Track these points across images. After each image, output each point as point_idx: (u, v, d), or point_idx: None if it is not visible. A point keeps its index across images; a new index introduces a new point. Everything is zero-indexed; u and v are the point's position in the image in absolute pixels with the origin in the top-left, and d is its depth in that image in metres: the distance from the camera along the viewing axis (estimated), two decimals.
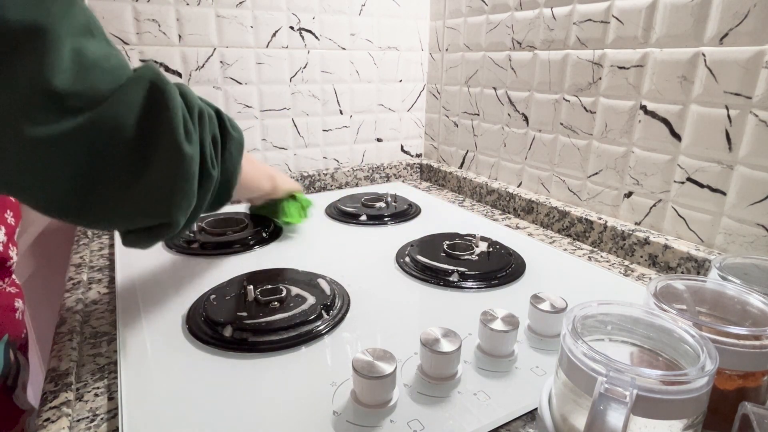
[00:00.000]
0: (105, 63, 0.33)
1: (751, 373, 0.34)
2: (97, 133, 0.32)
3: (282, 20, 0.92)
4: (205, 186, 0.41)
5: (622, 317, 0.35)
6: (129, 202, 0.36)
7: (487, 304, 0.51)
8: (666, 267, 0.66)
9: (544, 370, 0.44)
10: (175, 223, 0.40)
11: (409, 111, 1.15)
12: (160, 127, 0.36)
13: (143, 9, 0.80)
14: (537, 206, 0.85)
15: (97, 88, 0.32)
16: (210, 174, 0.41)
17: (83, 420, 0.39)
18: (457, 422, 0.37)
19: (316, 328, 0.49)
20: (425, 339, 0.41)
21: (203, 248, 0.70)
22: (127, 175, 0.35)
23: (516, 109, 0.91)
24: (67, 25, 0.30)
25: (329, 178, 1.06)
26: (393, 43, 1.07)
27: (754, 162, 0.58)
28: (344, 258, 0.68)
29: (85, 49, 0.32)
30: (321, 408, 0.38)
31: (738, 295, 0.38)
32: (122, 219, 0.38)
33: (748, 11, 0.55)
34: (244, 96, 0.93)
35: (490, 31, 0.93)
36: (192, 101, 0.39)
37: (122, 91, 0.34)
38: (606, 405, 0.27)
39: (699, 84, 0.61)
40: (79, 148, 0.32)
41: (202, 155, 0.40)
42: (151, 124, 0.35)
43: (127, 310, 0.53)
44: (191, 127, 0.38)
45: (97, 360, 0.46)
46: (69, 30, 0.31)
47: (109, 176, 0.34)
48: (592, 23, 0.73)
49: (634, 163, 0.71)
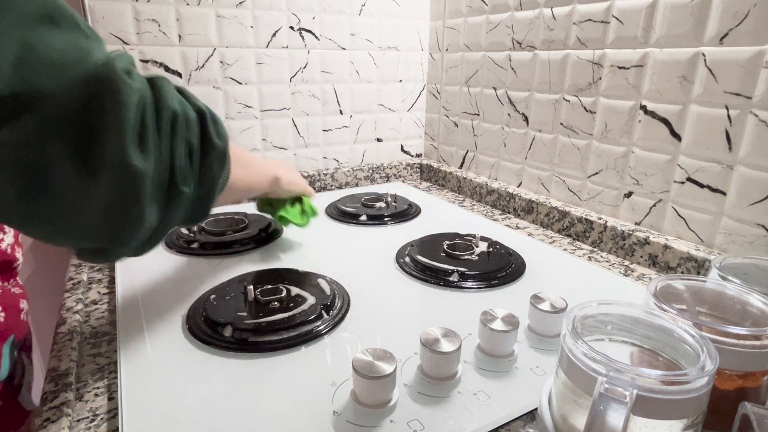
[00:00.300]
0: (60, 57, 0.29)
1: (751, 373, 0.34)
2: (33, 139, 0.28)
3: (282, 20, 0.92)
4: (173, 204, 0.36)
5: (622, 317, 0.35)
6: (75, 221, 0.32)
7: (487, 304, 0.51)
8: (666, 267, 0.66)
9: (544, 370, 0.44)
10: (123, 248, 0.36)
11: (409, 111, 1.15)
12: (103, 133, 0.31)
13: (143, 9, 0.80)
14: (537, 206, 0.85)
15: (41, 89, 0.28)
16: (179, 191, 0.36)
17: (83, 420, 0.39)
18: (457, 422, 0.37)
19: (316, 328, 0.49)
20: (425, 339, 0.41)
21: (203, 248, 0.70)
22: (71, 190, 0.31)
23: (516, 109, 0.91)
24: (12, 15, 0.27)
25: (329, 178, 1.06)
26: (393, 43, 1.07)
27: (754, 162, 0.58)
28: (344, 258, 0.68)
29: (36, 43, 0.28)
30: (321, 408, 0.38)
31: (738, 295, 0.38)
32: (67, 238, 0.34)
33: (748, 11, 0.55)
34: (244, 96, 0.93)
35: (490, 31, 0.93)
36: (164, 102, 0.34)
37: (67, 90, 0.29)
38: (606, 405, 0.27)
39: (699, 84, 0.61)
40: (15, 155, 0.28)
41: (171, 168, 0.35)
42: (92, 129, 0.30)
43: (127, 310, 0.53)
44: (150, 136, 0.33)
45: (97, 360, 0.46)
46: (16, 20, 0.27)
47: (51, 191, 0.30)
48: (592, 23, 0.73)
49: (634, 163, 0.71)
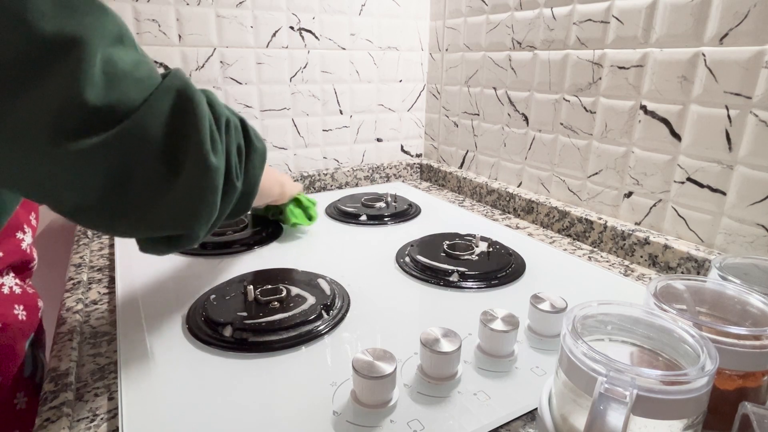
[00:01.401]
0: (135, 72, 0.33)
1: (751, 373, 0.34)
2: (127, 144, 0.32)
3: (282, 20, 0.92)
4: (228, 197, 0.41)
5: (622, 317, 0.35)
6: (156, 212, 0.36)
7: (487, 304, 0.51)
8: (666, 267, 0.66)
9: (544, 370, 0.44)
10: (195, 235, 0.40)
11: (409, 111, 1.15)
12: (187, 138, 0.35)
13: (143, 9, 0.80)
14: (537, 206, 0.85)
15: (127, 99, 0.32)
16: (234, 185, 0.41)
17: (83, 420, 0.39)
18: (457, 422, 0.37)
19: (316, 328, 0.49)
20: (425, 339, 0.41)
21: (203, 248, 0.70)
22: (156, 186, 0.35)
23: (516, 109, 0.91)
24: (99, 35, 0.30)
25: (329, 178, 1.06)
26: (393, 43, 1.07)
27: (754, 162, 0.58)
28: (344, 258, 0.68)
29: (116, 59, 0.31)
30: (321, 408, 0.38)
31: (738, 295, 0.38)
32: (147, 228, 0.38)
33: (748, 11, 0.55)
34: (244, 96, 0.93)
35: (490, 31, 0.93)
36: (219, 110, 0.39)
37: (151, 101, 0.33)
38: (606, 405, 0.27)
39: (699, 84, 0.61)
40: (110, 160, 0.32)
41: (227, 166, 0.40)
42: (178, 135, 0.35)
43: (127, 310, 0.53)
44: (217, 138, 0.38)
45: (97, 360, 0.46)
46: (101, 40, 0.30)
47: (138, 187, 0.34)
48: (592, 23, 0.73)
49: (634, 163, 0.71)
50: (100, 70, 0.30)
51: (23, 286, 0.55)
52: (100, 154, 0.31)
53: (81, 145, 0.30)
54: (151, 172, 0.34)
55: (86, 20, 0.29)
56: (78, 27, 0.29)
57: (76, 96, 0.29)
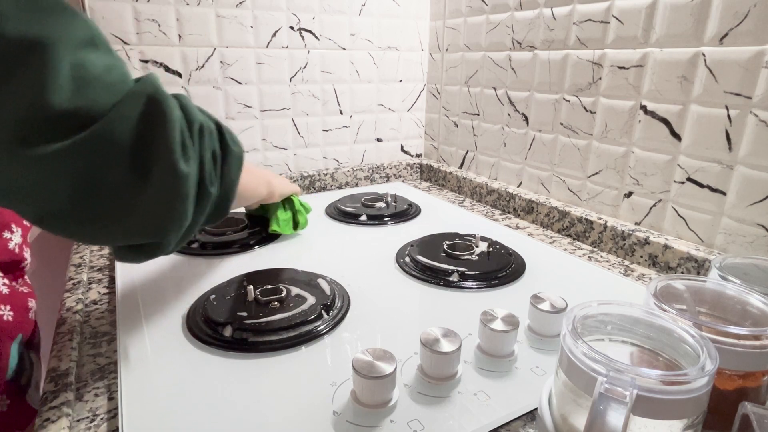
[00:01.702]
0: (106, 77, 0.32)
1: (751, 373, 0.34)
2: (94, 150, 0.31)
3: (282, 20, 0.92)
4: (202, 204, 0.40)
5: (622, 317, 0.35)
6: (125, 220, 0.36)
7: (487, 304, 0.51)
8: (666, 267, 0.66)
9: (544, 370, 0.44)
10: (167, 243, 0.39)
11: (409, 111, 1.15)
12: (156, 144, 0.34)
13: (143, 9, 0.80)
14: (537, 206, 0.85)
15: (96, 104, 0.31)
16: (208, 192, 0.40)
17: (83, 420, 0.39)
18: (457, 422, 0.37)
19: (316, 328, 0.49)
20: (425, 339, 0.41)
21: (203, 248, 0.70)
22: (124, 193, 0.34)
23: (516, 109, 0.91)
24: (66, 39, 0.29)
25: (329, 178, 1.06)
26: (393, 43, 1.07)
27: (754, 162, 0.58)
28: (344, 258, 0.68)
29: (86, 63, 0.31)
30: (321, 408, 0.38)
31: (738, 295, 0.38)
32: (116, 236, 0.37)
33: (748, 11, 0.55)
34: (244, 96, 0.93)
35: (490, 31, 0.93)
36: (192, 116, 0.38)
37: (119, 106, 0.33)
38: (606, 405, 0.27)
39: (699, 84, 0.61)
40: (76, 165, 0.31)
41: (201, 172, 0.39)
42: (146, 141, 0.34)
43: (127, 310, 0.53)
44: (189, 144, 0.37)
45: (97, 360, 0.46)
46: (70, 44, 0.30)
47: (106, 194, 0.34)
48: (592, 23, 0.73)
49: (634, 163, 0.71)
50: (69, 74, 0.29)
51: (11, 286, 0.55)
52: (66, 159, 0.31)
53: (46, 150, 0.30)
54: (118, 178, 0.33)
55: (52, 23, 0.29)
56: (43, 30, 0.28)
57: (41, 100, 0.28)
